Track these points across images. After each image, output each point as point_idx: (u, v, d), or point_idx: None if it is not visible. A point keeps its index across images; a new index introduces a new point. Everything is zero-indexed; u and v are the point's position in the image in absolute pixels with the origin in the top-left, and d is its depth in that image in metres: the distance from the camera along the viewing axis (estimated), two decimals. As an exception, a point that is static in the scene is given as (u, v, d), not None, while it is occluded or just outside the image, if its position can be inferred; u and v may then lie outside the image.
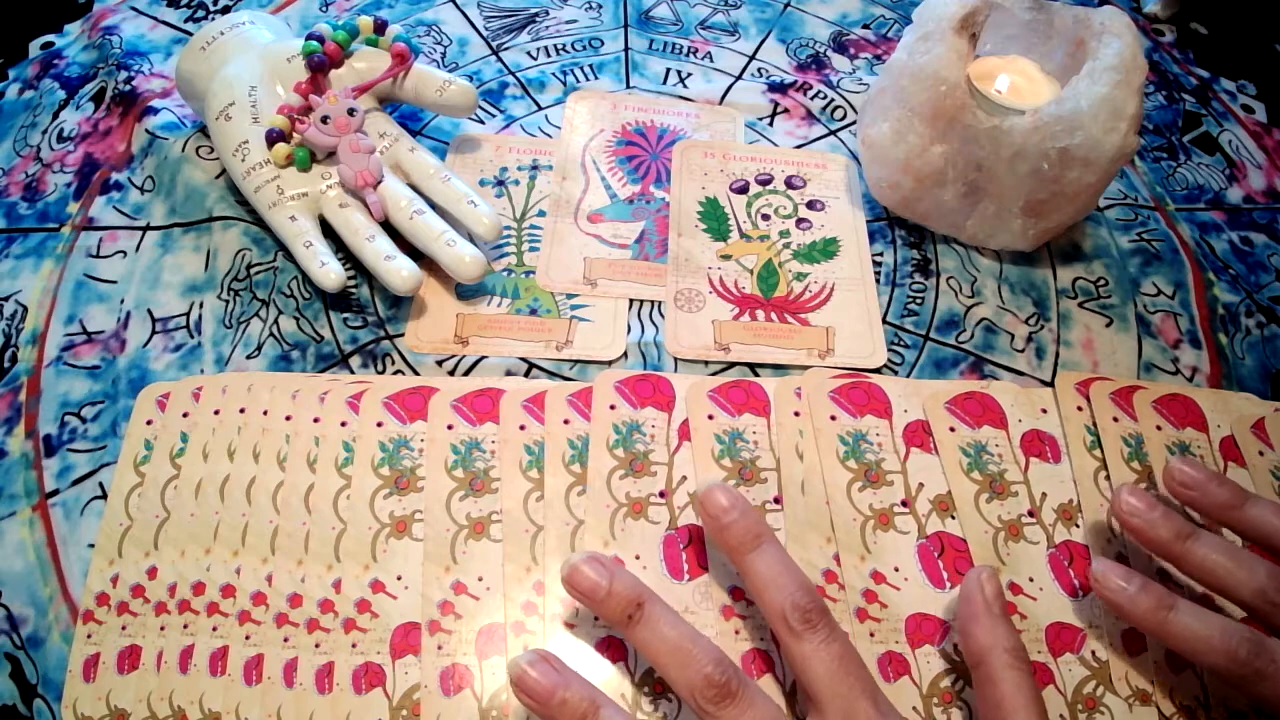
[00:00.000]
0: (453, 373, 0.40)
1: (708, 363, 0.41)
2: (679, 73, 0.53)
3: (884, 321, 0.43)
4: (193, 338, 0.41)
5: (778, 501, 0.36)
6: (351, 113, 0.42)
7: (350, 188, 0.42)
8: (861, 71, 0.54)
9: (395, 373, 0.40)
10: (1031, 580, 0.34)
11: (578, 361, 0.41)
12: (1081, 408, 0.39)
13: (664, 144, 0.49)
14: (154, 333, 0.41)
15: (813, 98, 0.53)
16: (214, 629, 0.33)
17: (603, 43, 0.55)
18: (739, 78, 0.53)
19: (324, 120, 0.42)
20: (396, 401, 0.38)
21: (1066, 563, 0.35)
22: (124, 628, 0.33)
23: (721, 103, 0.52)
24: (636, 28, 0.56)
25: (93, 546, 0.35)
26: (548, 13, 0.56)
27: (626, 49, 0.55)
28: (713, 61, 0.54)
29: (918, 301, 0.44)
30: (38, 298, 0.42)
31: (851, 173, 0.49)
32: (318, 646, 0.32)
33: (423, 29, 0.55)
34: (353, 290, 0.43)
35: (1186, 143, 0.53)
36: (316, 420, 0.37)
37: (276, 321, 0.41)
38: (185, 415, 0.38)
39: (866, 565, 0.34)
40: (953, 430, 0.38)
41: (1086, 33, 0.41)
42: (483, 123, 0.50)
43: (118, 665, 0.32)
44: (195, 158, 0.46)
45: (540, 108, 0.51)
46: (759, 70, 0.54)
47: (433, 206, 0.42)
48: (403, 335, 0.41)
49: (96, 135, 0.49)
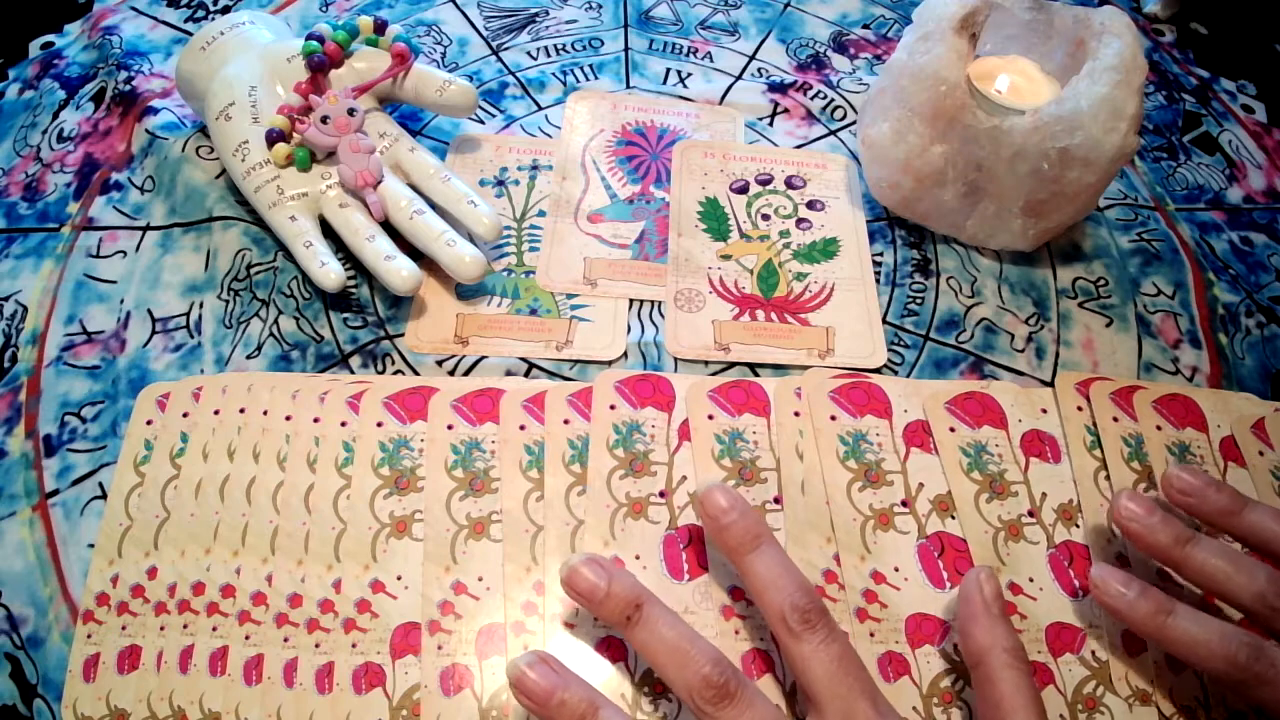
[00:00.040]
0: (453, 373, 0.40)
1: (708, 363, 0.41)
2: (679, 73, 0.53)
3: (884, 321, 0.43)
4: (193, 338, 0.41)
5: (778, 501, 0.36)
6: (351, 113, 0.42)
7: (350, 188, 0.42)
8: (861, 71, 0.54)
9: (395, 373, 0.40)
10: (1031, 580, 0.34)
11: (578, 361, 0.41)
12: (1081, 408, 0.39)
13: (664, 144, 0.49)
14: (154, 333, 0.41)
15: (813, 98, 0.53)
16: (214, 629, 0.33)
17: (603, 43, 0.55)
18: (739, 78, 0.53)
19: (324, 120, 0.42)
20: (396, 401, 0.38)
21: (1066, 563, 0.35)
22: (124, 628, 0.33)
23: (721, 103, 0.52)
24: (636, 28, 0.56)
25: (93, 546, 0.35)
26: (548, 13, 0.56)
27: (626, 49, 0.55)
28: (713, 61, 0.54)
29: (918, 301, 0.44)
30: (38, 298, 0.42)
31: (851, 173, 0.49)
32: (318, 646, 0.32)
33: (423, 29, 0.55)
34: (353, 290, 0.43)
35: (1186, 143, 0.53)
36: (316, 420, 0.37)
37: (276, 321, 0.41)
38: (185, 415, 0.38)
39: (866, 565, 0.34)
40: (953, 430, 0.38)
41: (1086, 33, 0.41)
42: (483, 123, 0.50)
43: (118, 665, 0.33)
44: (195, 158, 0.46)
45: (540, 108, 0.51)
46: (759, 70, 0.54)
47: (433, 206, 0.42)
48: (403, 335, 0.41)
49: (96, 135, 0.49)
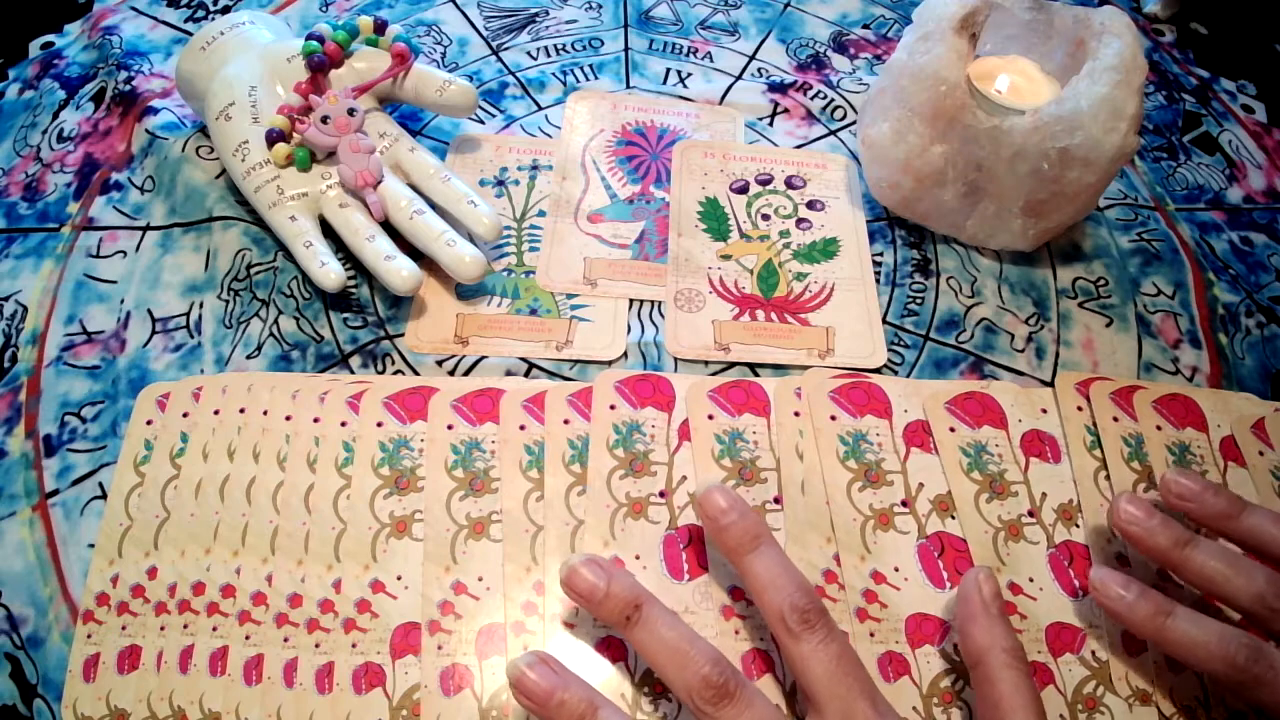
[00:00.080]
0: (453, 373, 0.40)
1: (708, 363, 0.41)
2: (679, 73, 0.53)
3: (884, 321, 0.43)
4: (193, 338, 0.41)
5: (778, 501, 0.36)
6: (351, 113, 0.42)
7: (350, 188, 0.42)
8: (861, 71, 0.54)
9: (395, 373, 0.40)
10: (1031, 580, 0.34)
11: (578, 361, 0.41)
12: (1081, 408, 0.39)
13: (664, 144, 0.49)
14: (154, 333, 0.41)
15: (813, 98, 0.53)
16: (214, 629, 0.33)
17: (603, 43, 0.55)
18: (739, 78, 0.53)
19: (324, 120, 0.42)
20: (396, 401, 0.38)
21: (1066, 563, 0.35)
22: (124, 628, 0.33)
23: (721, 103, 0.52)
24: (636, 28, 0.56)
25: (93, 546, 0.35)
26: (548, 13, 0.56)
27: (626, 49, 0.55)
28: (713, 61, 0.54)
29: (918, 301, 0.44)
30: (38, 298, 0.42)
31: (851, 173, 0.49)
32: (318, 646, 0.32)
33: (423, 29, 0.55)
34: (353, 290, 0.43)
35: (1186, 143, 0.53)
36: (316, 420, 0.37)
37: (276, 321, 0.41)
38: (185, 415, 0.38)
39: (866, 565, 0.34)
40: (953, 430, 0.38)
41: (1086, 33, 0.41)
42: (483, 123, 0.50)
43: (118, 665, 0.33)
44: (195, 158, 0.46)
45: (540, 108, 0.51)
46: (759, 70, 0.54)
47: (433, 206, 0.42)
48: (403, 335, 0.41)
49: (96, 135, 0.49)
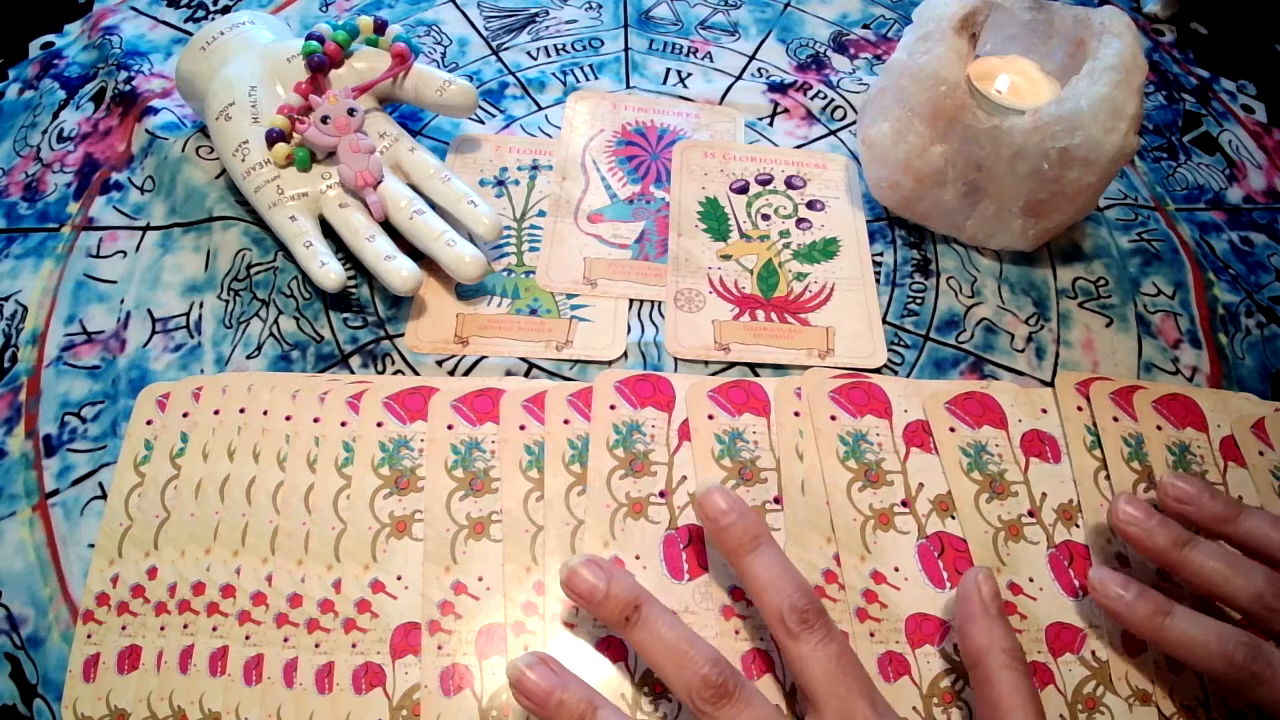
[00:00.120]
0: (453, 373, 0.40)
1: (708, 363, 0.41)
2: (679, 73, 0.53)
3: (884, 321, 0.43)
4: (193, 338, 0.41)
5: (778, 501, 0.36)
6: (351, 113, 0.42)
7: (350, 188, 0.42)
8: (861, 71, 0.54)
9: (395, 373, 0.40)
10: (1031, 580, 0.34)
11: (578, 361, 0.41)
12: (1081, 408, 0.39)
13: (664, 144, 0.49)
14: (154, 333, 0.41)
15: (813, 98, 0.53)
16: (214, 629, 0.33)
17: (603, 43, 0.55)
18: (739, 78, 0.53)
19: (324, 120, 0.42)
20: (396, 401, 0.38)
21: (1066, 563, 0.35)
22: (124, 628, 0.33)
23: (721, 103, 0.52)
24: (636, 28, 0.56)
25: (93, 546, 0.35)
26: (548, 13, 0.56)
27: (626, 49, 0.55)
28: (713, 61, 0.54)
29: (918, 301, 0.44)
30: (38, 298, 0.42)
31: (851, 173, 0.49)
32: (318, 646, 0.32)
33: (423, 29, 0.55)
34: (353, 290, 0.43)
35: (1186, 143, 0.53)
36: (316, 420, 0.37)
37: (276, 321, 0.41)
38: (185, 415, 0.38)
39: (866, 565, 0.34)
40: (953, 430, 0.38)
41: (1086, 33, 0.41)
42: (483, 123, 0.50)
43: (118, 665, 0.33)
44: (195, 158, 0.46)
45: (540, 108, 0.51)
46: (759, 70, 0.54)
47: (433, 206, 0.42)
48: (403, 335, 0.41)
49: (96, 135, 0.49)
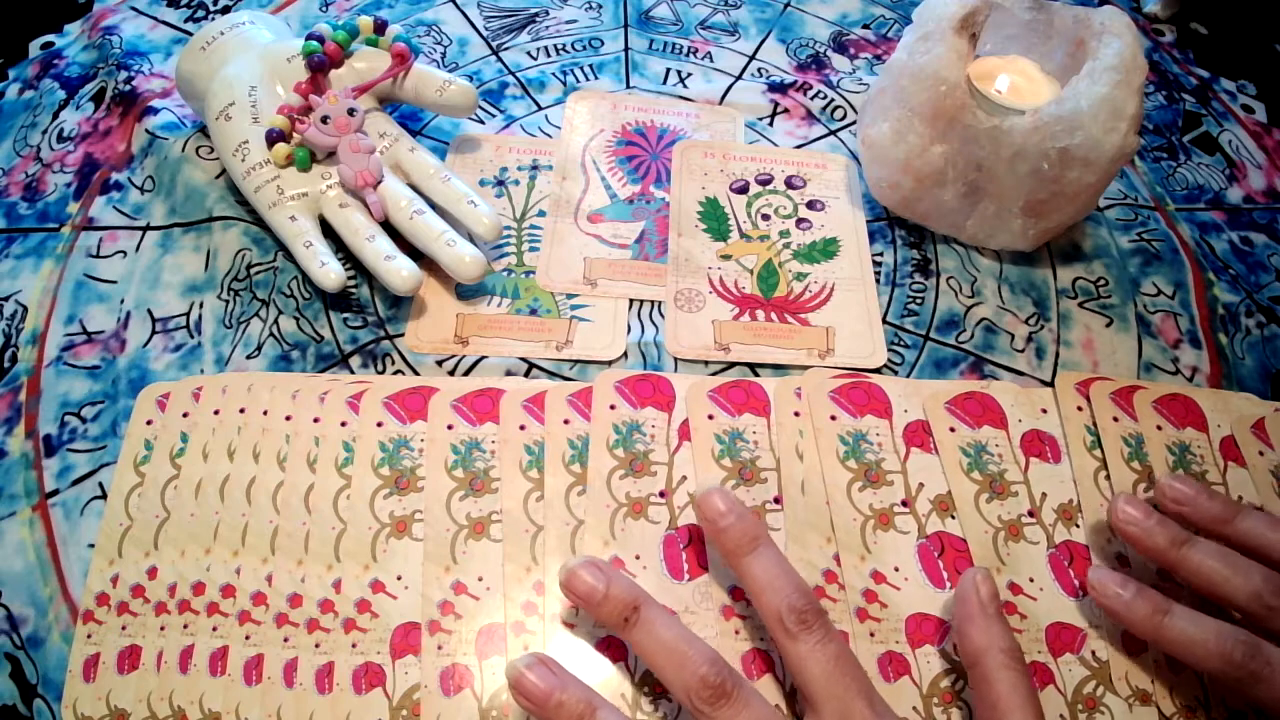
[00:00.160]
0: (453, 373, 0.40)
1: (708, 363, 0.41)
2: (679, 73, 0.53)
3: (884, 321, 0.43)
4: (193, 338, 0.41)
5: (778, 501, 0.36)
6: (351, 113, 0.42)
7: (350, 188, 0.42)
8: (861, 71, 0.54)
9: (395, 373, 0.40)
10: (1031, 580, 0.34)
11: (578, 361, 0.41)
12: (1081, 408, 0.39)
13: (664, 144, 0.49)
14: (154, 333, 0.41)
15: (813, 98, 0.53)
16: (214, 629, 0.33)
17: (603, 43, 0.55)
18: (739, 78, 0.53)
19: (324, 120, 0.42)
20: (396, 401, 0.38)
21: (1066, 563, 0.35)
22: (124, 628, 0.33)
23: (721, 103, 0.52)
24: (636, 28, 0.56)
25: (93, 546, 0.35)
26: (548, 13, 0.56)
27: (626, 49, 0.55)
28: (713, 61, 0.54)
29: (918, 301, 0.44)
30: (38, 298, 0.42)
31: (851, 173, 0.49)
32: (318, 646, 0.32)
33: (423, 29, 0.55)
34: (353, 290, 0.43)
35: (1186, 143, 0.53)
36: (316, 420, 0.37)
37: (276, 321, 0.41)
38: (185, 415, 0.38)
39: (866, 565, 0.34)
40: (953, 430, 0.38)
41: (1086, 33, 0.41)
42: (483, 123, 0.50)
43: (118, 665, 0.33)
44: (195, 158, 0.46)
45: (540, 108, 0.51)
46: (759, 70, 0.54)
47: (433, 206, 0.42)
48: (403, 335, 0.41)
49: (96, 135, 0.49)
